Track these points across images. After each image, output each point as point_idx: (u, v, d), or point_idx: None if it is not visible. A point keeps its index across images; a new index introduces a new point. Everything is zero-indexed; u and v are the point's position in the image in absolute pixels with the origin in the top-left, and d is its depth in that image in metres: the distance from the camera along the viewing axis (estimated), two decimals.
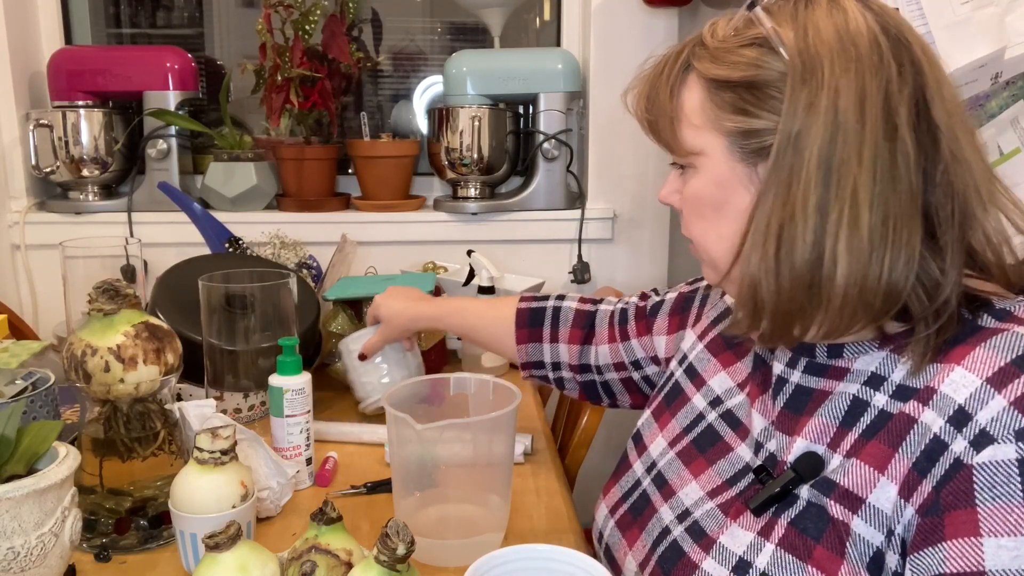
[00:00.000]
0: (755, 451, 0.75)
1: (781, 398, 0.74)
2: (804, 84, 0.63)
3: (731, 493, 0.74)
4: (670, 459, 0.84)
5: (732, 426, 0.79)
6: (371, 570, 0.67)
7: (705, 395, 0.85)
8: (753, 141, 0.67)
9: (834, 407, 0.68)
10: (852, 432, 0.66)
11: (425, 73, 2.16)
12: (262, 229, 1.74)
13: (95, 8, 2.08)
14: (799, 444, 0.69)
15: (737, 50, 0.67)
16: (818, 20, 0.65)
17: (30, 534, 0.72)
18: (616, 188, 1.99)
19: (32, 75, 1.94)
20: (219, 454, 0.85)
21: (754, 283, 0.66)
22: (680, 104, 0.72)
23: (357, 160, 1.95)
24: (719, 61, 0.68)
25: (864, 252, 0.61)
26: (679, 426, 0.86)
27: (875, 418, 0.65)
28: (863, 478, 0.63)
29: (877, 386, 0.66)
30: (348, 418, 1.29)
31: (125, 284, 0.89)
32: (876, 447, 0.63)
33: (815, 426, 0.69)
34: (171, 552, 0.90)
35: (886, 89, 0.62)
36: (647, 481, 0.85)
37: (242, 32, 2.12)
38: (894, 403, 0.64)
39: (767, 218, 0.64)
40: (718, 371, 0.85)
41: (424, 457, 0.91)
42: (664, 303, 1.02)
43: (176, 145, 1.89)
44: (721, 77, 0.68)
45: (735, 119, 0.67)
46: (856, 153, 0.61)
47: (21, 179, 1.90)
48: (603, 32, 1.92)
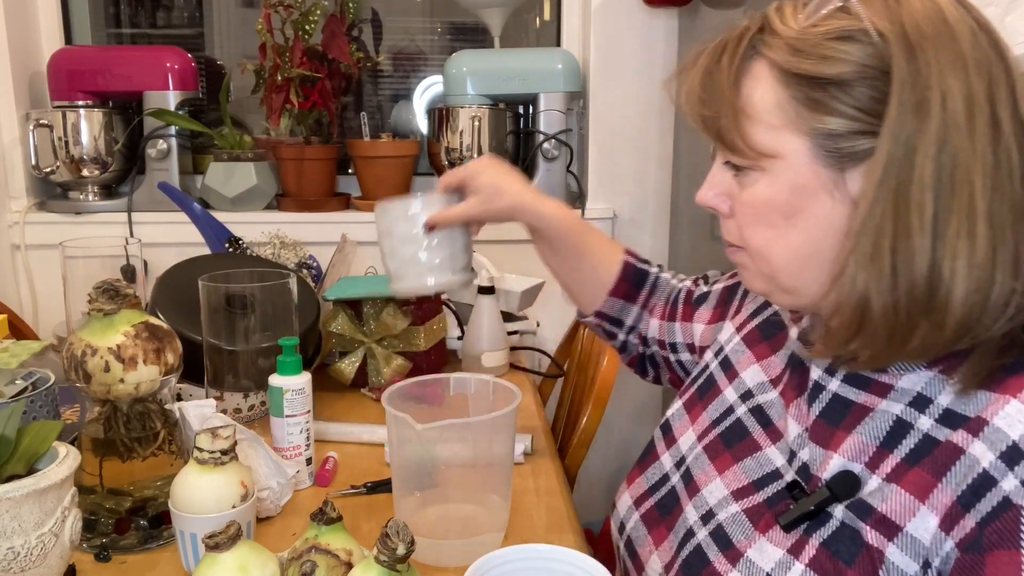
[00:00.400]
0: (788, 458, 0.71)
1: (817, 405, 0.70)
2: (912, 84, 0.58)
3: (758, 499, 0.71)
4: (697, 453, 0.81)
5: (762, 424, 0.76)
6: (371, 570, 0.67)
7: (736, 388, 0.82)
8: (845, 144, 0.61)
9: (875, 426, 0.65)
10: (893, 455, 0.63)
11: (425, 73, 2.17)
12: (262, 229, 1.74)
13: (95, 8, 2.08)
14: (836, 461, 0.66)
15: (825, 43, 0.60)
16: (915, 13, 0.60)
17: (30, 534, 0.72)
18: (616, 188, 1.99)
19: (32, 75, 1.94)
20: (219, 454, 0.85)
21: (863, 303, 0.61)
22: (748, 99, 0.64)
23: (357, 160, 1.95)
24: (804, 54, 0.61)
25: (981, 267, 0.57)
26: (708, 419, 0.83)
27: (919, 442, 0.62)
28: (903, 505, 0.60)
29: (923, 408, 0.63)
30: (348, 418, 1.29)
31: (125, 284, 0.89)
32: (919, 474, 0.60)
33: (854, 444, 0.65)
34: (171, 552, 0.90)
35: (989, 88, 0.58)
36: (676, 477, 0.82)
37: (242, 32, 2.12)
38: (940, 429, 0.61)
39: (877, 232, 0.59)
40: (751, 363, 0.82)
41: (424, 457, 0.91)
42: (711, 295, 0.98)
43: (176, 145, 1.89)
44: (809, 72, 0.61)
45: (825, 120, 0.61)
46: (968, 159, 0.57)
47: (21, 179, 1.90)
48: (603, 32, 1.92)
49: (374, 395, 1.40)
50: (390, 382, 1.30)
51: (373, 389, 1.41)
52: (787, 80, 0.62)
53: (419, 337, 1.41)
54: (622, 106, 1.96)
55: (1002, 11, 0.95)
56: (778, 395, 0.77)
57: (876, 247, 0.59)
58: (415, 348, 1.41)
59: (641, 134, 1.98)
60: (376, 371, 1.41)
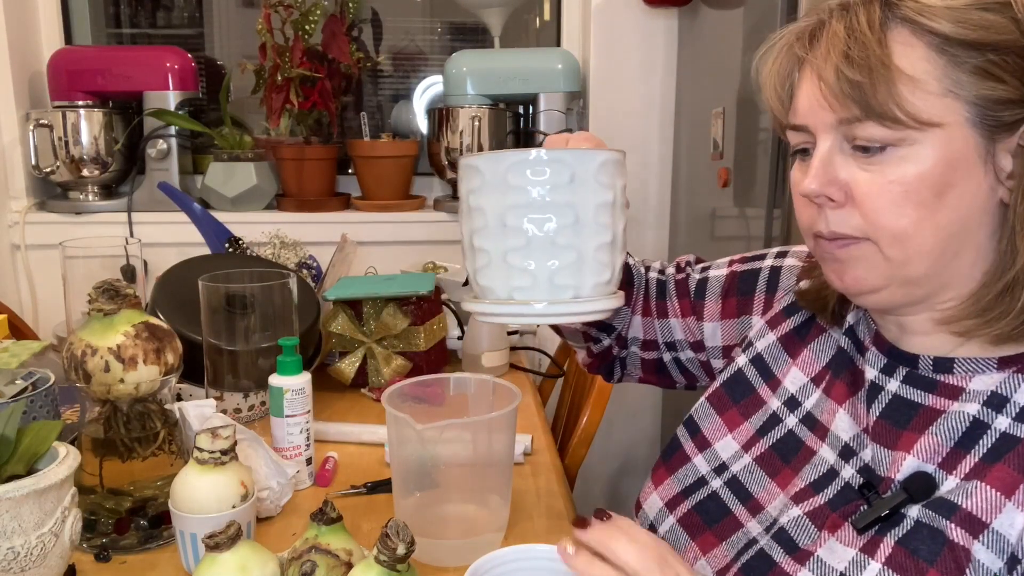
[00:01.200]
0: (842, 456, 0.71)
1: (877, 406, 0.69)
2: None
3: (819, 501, 0.70)
4: (747, 465, 0.79)
5: (811, 428, 0.75)
6: (371, 570, 0.67)
7: (779, 395, 0.80)
8: (1005, 112, 0.60)
9: (949, 426, 0.64)
10: (971, 454, 0.62)
11: (425, 73, 2.17)
12: (262, 229, 1.74)
13: (95, 8, 2.09)
14: (909, 462, 0.65)
15: (973, 11, 0.60)
16: None
17: (30, 534, 0.72)
18: None
19: (32, 75, 1.94)
20: (219, 454, 0.85)
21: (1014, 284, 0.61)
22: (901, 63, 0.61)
23: (357, 160, 1.95)
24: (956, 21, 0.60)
25: None
26: (752, 428, 0.81)
27: (997, 441, 0.61)
28: (988, 502, 0.59)
29: (1000, 408, 0.62)
30: (348, 418, 1.29)
31: (125, 284, 0.89)
32: (1003, 471, 0.60)
33: (927, 444, 0.65)
34: (171, 552, 0.90)
35: None
36: (718, 484, 0.80)
37: (242, 32, 2.12)
38: (1020, 426, 0.61)
39: None
40: (791, 367, 0.80)
41: (424, 457, 0.91)
42: (710, 282, 0.92)
43: (176, 145, 1.89)
44: (966, 38, 0.60)
45: (985, 84, 0.60)
46: None
47: (21, 179, 1.91)
48: (603, 32, 1.92)
49: (374, 395, 1.40)
50: (390, 382, 1.30)
51: (373, 389, 1.41)
52: (943, 46, 0.60)
53: (419, 337, 1.41)
54: (622, 106, 1.96)
55: None
56: (821, 393, 0.76)
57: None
58: (415, 348, 1.41)
59: (641, 134, 1.98)
60: (376, 371, 1.41)
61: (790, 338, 0.82)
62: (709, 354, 0.92)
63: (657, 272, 0.98)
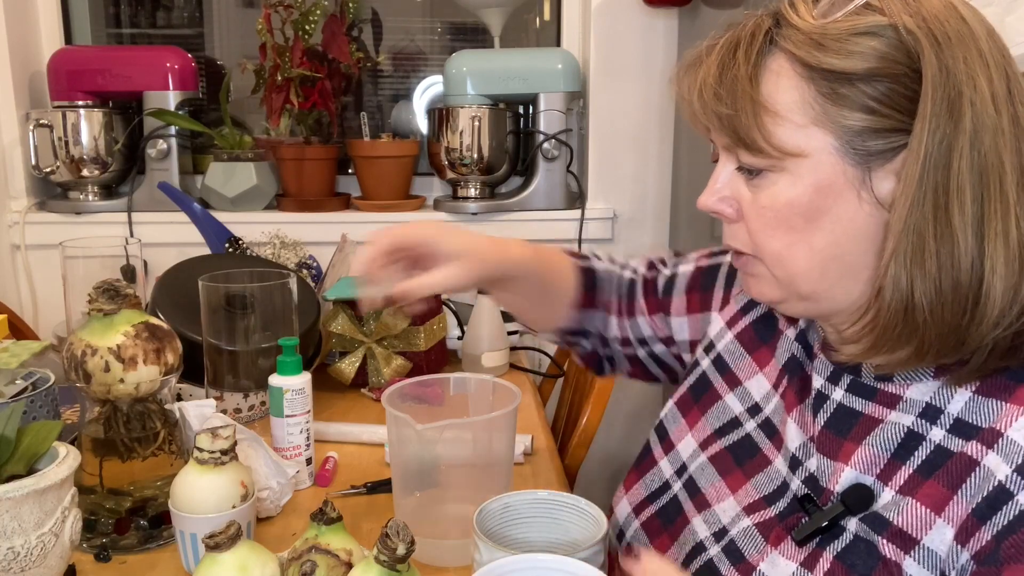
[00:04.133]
0: (791, 467, 0.71)
1: (822, 415, 0.69)
2: (944, 82, 0.57)
3: (770, 513, 0.70)
4: (702, 463, 0.79)
5: (769, 435, 0.75)
6: (371, 570, 0.67)
7: (741, 398, 0.80)
8: (877, 141, 0.60)
9: (886, 437, 0.64)
10: (906, 466, 0.62)
11: (425, 73, 2.16)
12: (262, 229, 1.74)
13: (95, 8, 2.08)
14: (847, 474, 0.65)
15: (851, 38, 0.59)
16: (936, 11, 0.59)
17: (30, 534, 0.72)
18: (616, 188, 1.99)
19: (32, 75, 1.94)
20: (219, 454, 0.85)
21: (908, 306, 0.59)
22: (769, 95, 0.62)
23: (357, 160, 1.95)
24: (830, 50, 0.59)
25: (1014, 263, 0.58)
26: (709, 427, 0.81)
27: (931, 453, 0.61)
28: (919, 519, 0.59)
29: (934, 419, 0.62)
30: (348, 418, 1.29)
31: (125, 284, 0.89)
32: (933, 487, 0.60)
33: (864, 455, 0.65)
34: (171, 552, 0.90)
35: (1008, 86, 0.59)
36: (678, 486, 0.81)
37: (242, 32, 2.12)
38: (952, 439, 0.61)
39: (920, 232, 0.58)
40: (755, 372, 0.80)
41: (424, 457, 0.91)
42: (678, 278, 0.93)
43: (176, 145, 1.89)
44: (837, 68, 0.59)
45: (854, 116, 0.59)
46: (998, 154, 0.57)
47: (21, 179, 1.91)
48: (603, 32, 1.92)
49: (374, 395, 1.40)
50: (390, 382, 1.30)
51: (373, 389, 1.41)
52: (812, 75, 0.60)
53: (419, 337, 1.41)
54: (622, 106, 1.96)
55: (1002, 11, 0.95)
56: (779, 399, 0.76)
57: (920, 247, 0.58)
58: (415, 348, 1.41)
59: (641, 134, 1.98)
60: (376, 371, 1.41)
61: (749, 336, 0.83)
62: (680, 348, 0.93)
63: (631, 271, 0.98)
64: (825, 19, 0.60)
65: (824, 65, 0.59)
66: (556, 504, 0.79)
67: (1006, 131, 0.58)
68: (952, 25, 0.59)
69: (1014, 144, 0.58)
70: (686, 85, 0.67)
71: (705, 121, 0.66)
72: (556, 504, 0.79)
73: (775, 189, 0.63)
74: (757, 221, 0.65)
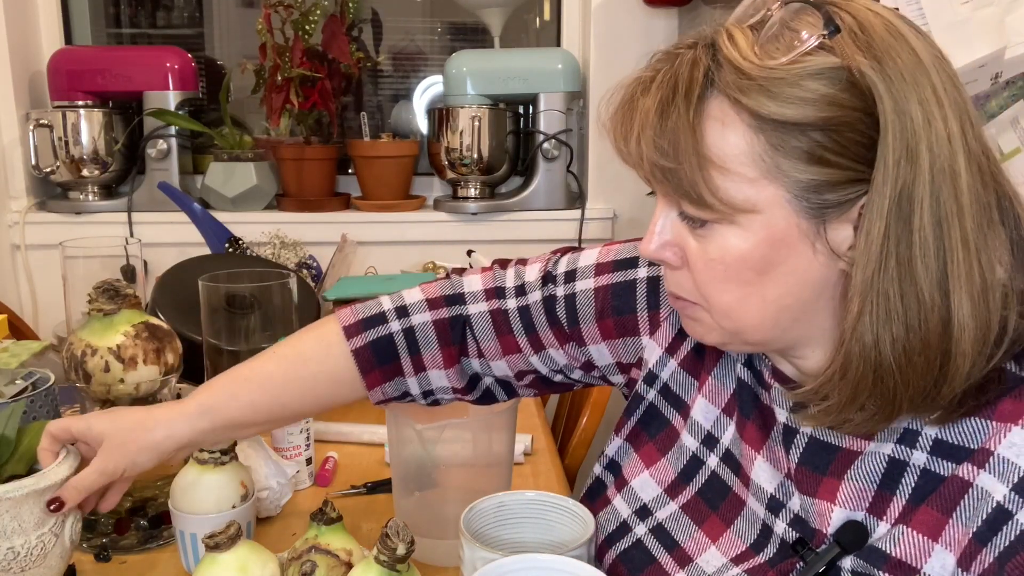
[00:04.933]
0: (770, 508, 0.68)
1: (795, 451, 0.66)
2: (901, 129, 0.54)
3: (758, 560, 0.67)
4: (674, 513, 0.74)
5: (735, 471, 0.72)
6: (371, 570, 0.67)
7: (693, 432, 0.75)
8: (831, 195, 0.56)
9: (869, 468, 0.62)
10: (896, 496, 0.60)
11: (425, 73, 2.16)
12: (262, 229, 1.74)
13: (95, 8, 2.08)
14: (838, 513, 0.63)
15: (800, 83, 0.54)
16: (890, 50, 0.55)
17: (30, 534, 0.72)
18: (616, 188, 1.99)
19: (32, 75, 1.94)
20: (219, 454, 0.85)
21: (876, 367, 0.56)
22: (715, 146, 0.57)
23: (357, 160, 1.95)
24: (779, 97, 0.54)
25: (982, 308, 0.55)
26: (673, 470, 0.76)
27: (919, 479, 0.60)
28: (917, 547, 0.58)
29: (912, 443, 0.60)
30: (348, 418, 1.29)
31: (125, 284, 0.89)
32: (927, 513, 0.58)
33: (850, 491, 0.62)
34: (171, 552, 0.90)
35: (962, 125, 0.55)
36: (642, 531, 0.76)
37: (242, 32, 2.12)
38: (938, 462, 0.59)
39: (885, 288, 0.55)
40: (695, 397, 0.75)
41: (424, 457, 0.91)
42: (578, 300, 0.80)
43: (176, 145, 1.89)
44: (789, 118, 0.54)
45: (809, 169, 0.55)
46: (956, 198, 0.54)
47: (21, 179, 1.90)
48: (603, 32, 1.92)
49: None
50: None
51: None
52: (763, 126, 0.55)
53: None
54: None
55: (1002, 11, 0.95)
56: (735, 429, 0.72)
57: (885, 307, 0.55)
58: None
59: None
60: None
61: (692, 361, 0.77)
62: (604, 371, 0.83)
63: (515, 295, 0.83)
64: (771, 59, 0.55)
65: (775, 116, 0.54)
66: (545, 505, 0.79)
67: (962, 171, 0.55)
68: (904, 60, 0.55)
69: (970, 181, 0.55)
70: (618, 129, 0.61)
71: (642, 172, 0.61)
72: (545, 505, 0.79)
73: (724, 242, 0.59)
74: (705, 273, 0.61)
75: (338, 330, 0.81)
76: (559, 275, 0.82)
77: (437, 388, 0.84)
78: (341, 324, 0.82)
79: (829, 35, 0.55)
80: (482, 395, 0.87)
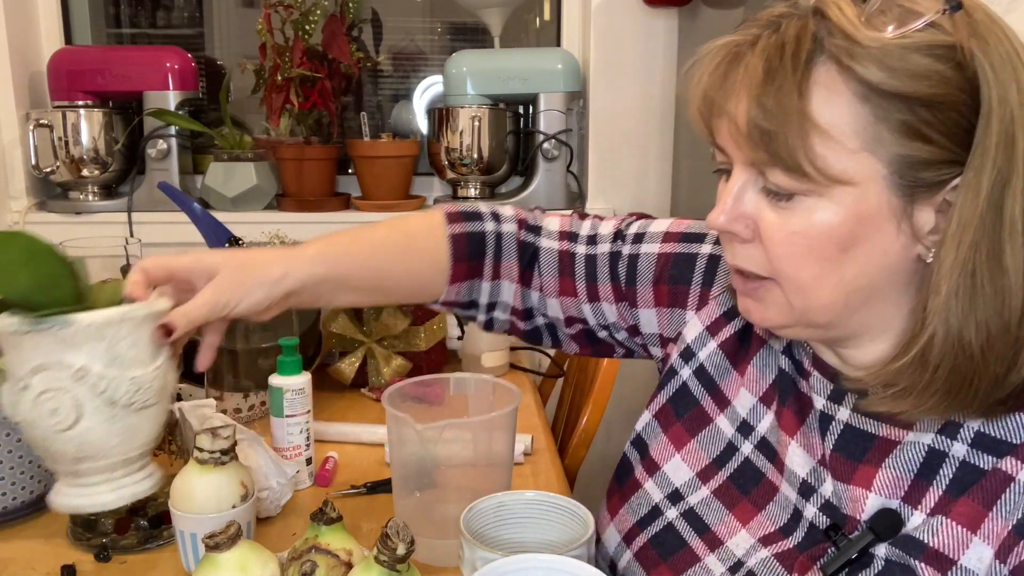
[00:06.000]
0: (802, 493, 0.68)
1: (830, 438, 0.66)
2: (1000, 115, 0.54)
3: (788, 544, 0.67)
4: (705, 498, 0.75)
5: (769, 457, 0.72)
6: (371, 570, 0.67)
7: (731, 418, 0.75)
8: (926, 173, 0.55)
9: (907, 458, 0.62)
10: (934, 487, 0.60)
11: (425, 73, 2.17)
12: (262, 229, 1.74)
13: (95, 8, 2.08)
14: (873, 500, 0.63)
15: (911, 56, 0.54)
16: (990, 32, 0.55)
17: (147, 365, 0.70)
18: (616, 188, 1.99)
19: (32, 75, 1.94)
20: (219, 454, 0.85)
21: (958, 349, 0.56)
22: (818, 112, 0.55)
23: (357, 160, 1.95)
24: (890, 68, 0.54)
25: None
26: (706, 455, 0.76)
27: (958, 471, 0.60)
28: (955, 538, 0.58)
29: (953, 434, 0.60)
30: (348, 418, 1.29)
31: None
32: (968, 505, 0.58)
33: (886, 479, 0.62)
34: (171, 552, 0.90)
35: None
36: (673, 515, 0.76)
37: (242, 32, 2.12)
38: (979, 455, 0.59)
39: (975, 274, 0.55)
40: (739, 386, 0.76)
41: (424, 457, 0.91)
42: (640, 262, 0.83)
43: (176, 145, 1.89)
44: (900, 91, 0.54)
45: (910, 144, 0.55)
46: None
47: (21, 179, 1.90)
48: (603, 32, 1.92)
49: (374, 395, 1.40)
50: (390, 382, 1.30)
51: (373, 389, 1.41)
52: (869, 95, 0.54)
53: (419, 337, 1.41)
54: (622, 106, 1.96)
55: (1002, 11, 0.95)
56: (773, 417, 0.73)
57: (972, 288, 0.55)
58: (415, 348, 1.41)
59: (641, 134, 1.98)
60: (376, 371, 1.41)
61: (733, 347, 0.77)
62: (646, 339, 0.85)
63: (586, 243, 0.86)
64: (881, 32, 0.54)
65: (884, 86, 0.54)
66: (545, 505, 0.79)
67: None
68: (1005, 46, 0.55)
69: None
70: (718, 87, 0.60)
71: (734, 134, 0.59)
72: (545, 505, 0.79)
73: (811, 216, 0.58)
74: (785, 247, 0.59)
75: (441, 216, 0.84)
76: (629, 235, 0.85)
77: (502, 302, 0.87)
78: (444, 211, 0.85)
79: (951, 11, 0.55)
80: (532, 330, 0.89)
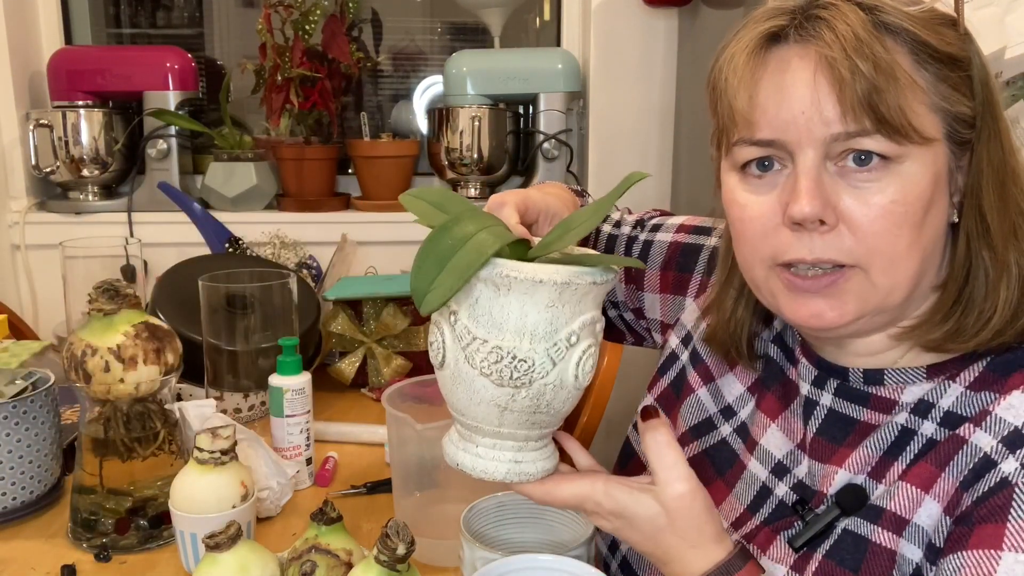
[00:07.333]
0: (775, 472, 0.69)
1: (813, 422, 0.68)
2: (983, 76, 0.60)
3: (755, 522, 0.69)
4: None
5: (743, 439, 0.74)
6: (371, 570, 0.67)
7: (715, 396, 0.78)
8: (969, 130, 0.59)
9: (880, 438, 0.64)
10: (898, 461, 0.62)
11: (425, 73, 2.16)
12: (262, 229, 1.74)
13: (95, 8, 2.08)
14: (841, 475, 0.64)
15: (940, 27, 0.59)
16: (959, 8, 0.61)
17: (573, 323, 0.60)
18: None
19: (32, 75, 1.94)
20: (219, 454, 0.85)
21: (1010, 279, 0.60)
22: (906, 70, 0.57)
23: (357, 160, 1.95)
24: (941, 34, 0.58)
25: None
26: (684, 423, 0.79)
27: (924, 446, 0.61)
28: (909, 499, 0.60)
29: (924, 414, 0.62)
30: (348, 418, 1.29)
31: (125, 284, 0.89)
32: (923, 467, 0.60)
33: (858, 458, 0.64)
34: (171, 552, 0.90)
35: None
36: None
37: (242, 32, 2.12)
38: (943, 431, 0.61)
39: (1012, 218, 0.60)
40: (727, 371, 0.78)
41: (424, 457, 0.91)
42: (654, 247, 0.88)
43: (176, 145, 1.89)
44: (949, 52, 0.58)
45: (962, 100, 0.59)
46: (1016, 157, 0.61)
47: (21, 179, 1.90)
48: (603, 32, 1.92)
49: (374, 395, 1.40)
50: (390, 382, 1.30)
51: (373, 389, 1.41)
52: (927, 59, 0.57)
53: (419, 337, 1.41)
54: (622, 106, 1.96)
55: (1002, 11, 0.95)
56: (754, 404, 0.74)
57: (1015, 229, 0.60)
58: (415, 348, 1.41)
59: (641, 134, 1.98)
60: (376, 371, 1.41)
61: None
62: (649, 324, 0.90)
63: (612, 224, 0.92)
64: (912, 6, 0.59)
65: (940, 47, 0.57)
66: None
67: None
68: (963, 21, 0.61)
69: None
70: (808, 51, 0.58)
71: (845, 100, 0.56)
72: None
73: (904, 181, 0.57)
74: (881, 221, 0.57)
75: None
76: (648, 224, 0.91)
77: None
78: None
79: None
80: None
